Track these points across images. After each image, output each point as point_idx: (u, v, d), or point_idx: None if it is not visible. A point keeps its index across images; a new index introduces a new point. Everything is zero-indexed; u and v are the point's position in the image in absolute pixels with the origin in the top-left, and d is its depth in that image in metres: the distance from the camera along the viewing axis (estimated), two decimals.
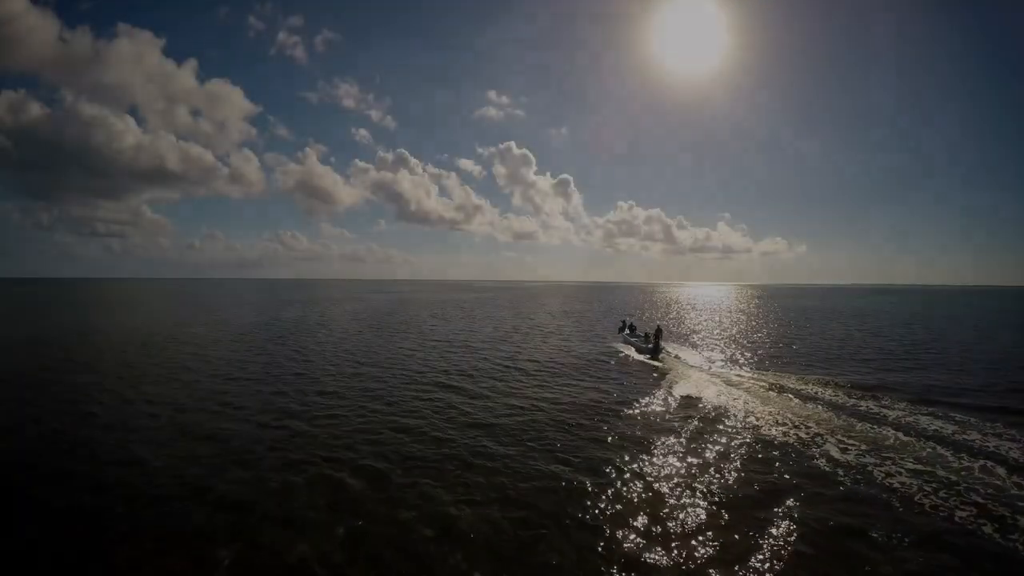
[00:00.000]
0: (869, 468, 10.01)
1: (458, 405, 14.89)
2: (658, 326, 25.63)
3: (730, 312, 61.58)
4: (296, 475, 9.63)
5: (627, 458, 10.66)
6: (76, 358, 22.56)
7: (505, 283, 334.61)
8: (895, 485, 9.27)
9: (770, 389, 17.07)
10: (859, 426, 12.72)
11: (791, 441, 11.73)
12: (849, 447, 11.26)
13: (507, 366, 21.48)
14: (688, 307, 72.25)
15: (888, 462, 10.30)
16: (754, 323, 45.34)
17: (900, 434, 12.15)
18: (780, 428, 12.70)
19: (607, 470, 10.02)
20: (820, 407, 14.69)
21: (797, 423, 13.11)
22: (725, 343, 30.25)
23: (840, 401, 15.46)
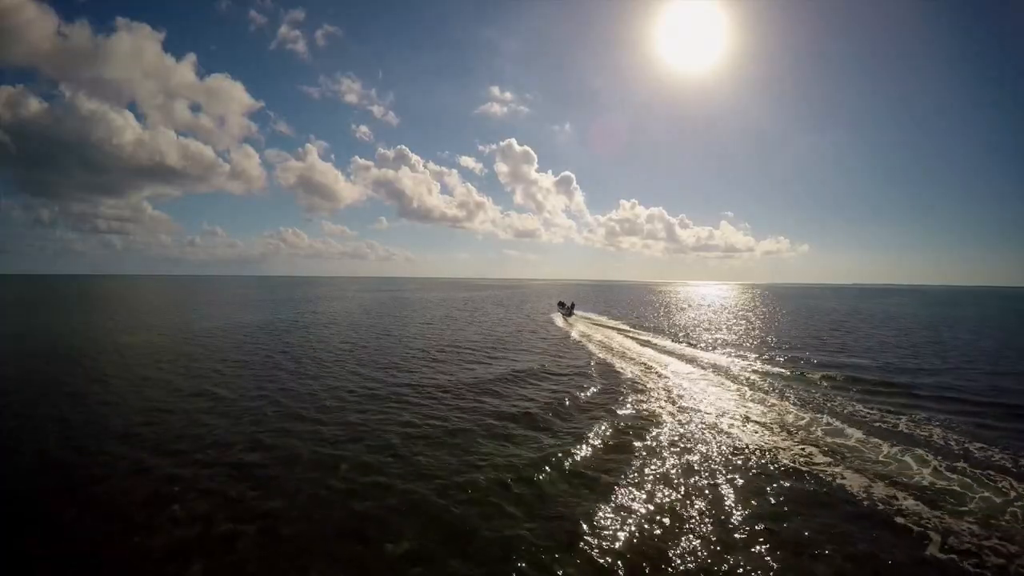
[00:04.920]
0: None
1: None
2: (572, 301, 52.28)
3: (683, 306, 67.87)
4: None
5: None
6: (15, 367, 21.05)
7: (506, 281, 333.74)
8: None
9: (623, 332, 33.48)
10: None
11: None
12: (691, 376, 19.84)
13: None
14: (653, 303, 72.99)
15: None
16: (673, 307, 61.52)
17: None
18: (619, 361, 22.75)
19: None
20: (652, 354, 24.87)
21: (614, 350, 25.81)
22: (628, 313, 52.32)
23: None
